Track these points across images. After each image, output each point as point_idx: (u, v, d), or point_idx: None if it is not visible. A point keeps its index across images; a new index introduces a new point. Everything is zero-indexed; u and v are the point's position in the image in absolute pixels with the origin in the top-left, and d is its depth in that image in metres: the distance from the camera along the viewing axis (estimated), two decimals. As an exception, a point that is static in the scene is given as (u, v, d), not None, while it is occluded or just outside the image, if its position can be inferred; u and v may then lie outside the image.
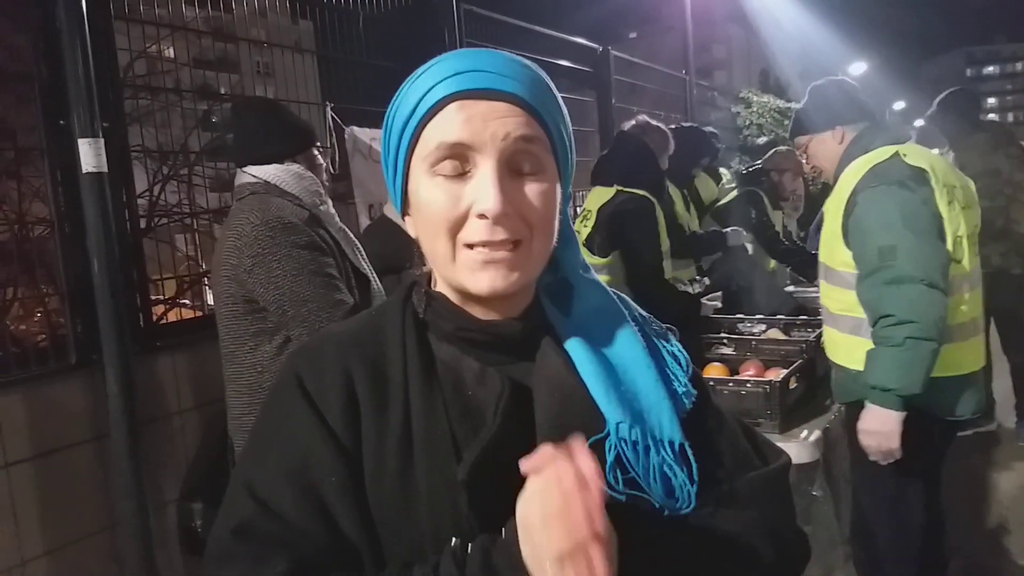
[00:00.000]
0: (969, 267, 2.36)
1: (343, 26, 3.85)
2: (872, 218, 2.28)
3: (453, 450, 0.85)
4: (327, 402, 0.88)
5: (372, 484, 0.86)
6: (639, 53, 8.05)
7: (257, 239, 2.20)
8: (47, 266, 2.89)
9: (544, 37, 5.65)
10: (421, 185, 0.86)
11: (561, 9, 30.76)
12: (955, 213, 2.31)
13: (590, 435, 0.84)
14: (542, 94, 0.87)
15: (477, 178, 0.83)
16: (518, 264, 0.84)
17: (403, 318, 0.93)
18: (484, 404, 0.88)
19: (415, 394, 0.88)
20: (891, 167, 2.31)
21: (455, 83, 0.83)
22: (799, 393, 2.67)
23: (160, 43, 3.43)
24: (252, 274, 2.20)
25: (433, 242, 0.86)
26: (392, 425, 0.87)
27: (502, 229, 0.82)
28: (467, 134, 0.82)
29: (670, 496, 0.86)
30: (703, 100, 8.96)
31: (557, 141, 0.88)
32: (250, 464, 0.92)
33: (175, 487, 2.87)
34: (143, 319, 2.88)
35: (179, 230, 4.39)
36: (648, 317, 1.02)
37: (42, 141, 2.59)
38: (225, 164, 4.13)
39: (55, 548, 2.52)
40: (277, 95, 3.72)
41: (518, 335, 0.91)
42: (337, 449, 0.86)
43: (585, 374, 0.89)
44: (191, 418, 2.97)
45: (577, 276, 0.97)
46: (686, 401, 0.93)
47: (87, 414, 2.61)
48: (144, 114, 3.55)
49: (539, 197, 0.85)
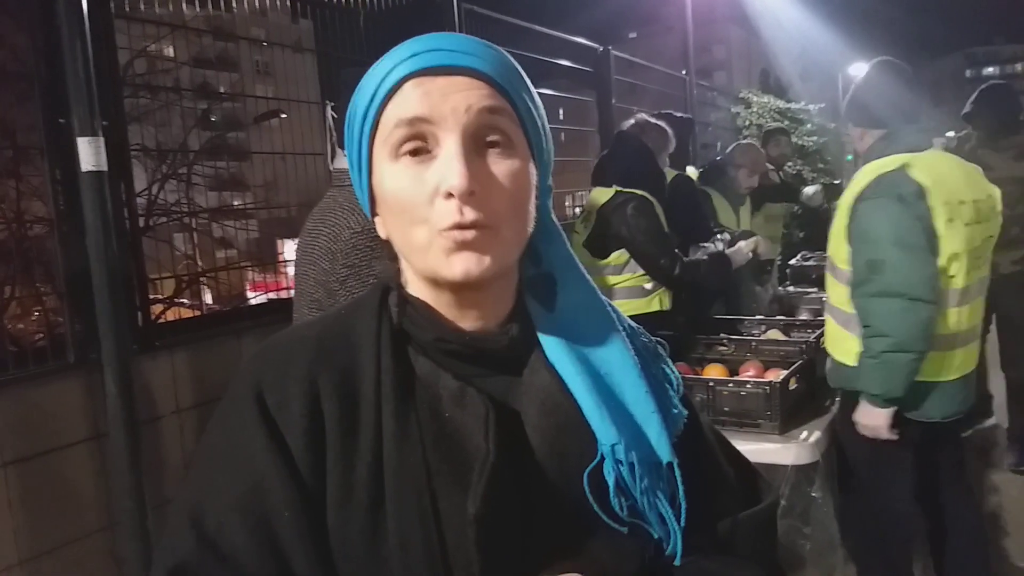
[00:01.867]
0: (964, 282, 2.42)
1: (343, 25, 3.84)
2: (866, 230, 2.40)
3: (427, 484, 0.77)
4: (288, 420, 0.79)
5: (336, 517, 0.77)
6: (639, 53, 8.04)
7: (355, 248, 2.01)
8: (46, 265, 2.89)
9: (544, 37, 5.64)
10: (385, 173, 0.80)
11: (561, 9, 30.65)
12: (955, 231, 2.37)
13: (586, 458, 0.80)
14: (507, 71, 0.81)
15: (441, 156, 0.77)
16: (489, 247, 0.77)
17: (379, 324, 0.85)
18: (462, 428, 0.80)
19: (388, 415, 0.79)
20: (893, 180, 2.40)
21: (412, 63, 0.78)
22: (799, 394, 2.66)
23: (160, 42, 3.42)
24: (345, 285, 2.02)
25: (406, 233, 0.79)
26: (361, 451, 0.78)
27: (471, 209, 0.75)
28: (426, 108, 0.77)
29: (663, 523, 0.82)
30: (703, 100, 8.95)
31: (526, 117, 0.82)
32: (197, 488, 0.82)
33: (174, 487, 2.86)
34: (142, 318, 2.86)
35: (178, 229, 4.39)
36: (638, 329, 0.95)
37: (41, 139, 2.58)
38: (224, 164, 4.13)
39: (53, 548, 2.52)
40: (277, 94, 3.72)
41: (503, 348, 0.84)
42: (293, 479, 0.77)
43: (575, 389, 0.82)
44: (190, 418, 2.96)
45: (562, 271, 0.90)
46: (678, 423, 0.88)
47: (85, 413, 2.61)
48: (144, 113, 3.55)
49: (509, 176, 0.78)
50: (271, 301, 3.55)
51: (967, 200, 2.43)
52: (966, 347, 2.52)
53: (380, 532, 0.76)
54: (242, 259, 4.24)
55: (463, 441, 0.79)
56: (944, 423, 2.53)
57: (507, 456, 0.79)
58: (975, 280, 2.48)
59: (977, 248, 2.46)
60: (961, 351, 2.50)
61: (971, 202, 2.45)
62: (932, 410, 2.49)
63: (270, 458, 0.78)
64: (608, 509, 0.79)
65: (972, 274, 2.45)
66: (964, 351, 2.51)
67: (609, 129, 6.17)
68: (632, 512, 0.80)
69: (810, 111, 10.18)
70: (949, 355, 2.47)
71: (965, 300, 2.45)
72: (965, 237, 2.39)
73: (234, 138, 4.98)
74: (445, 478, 0.77)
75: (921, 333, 2.32)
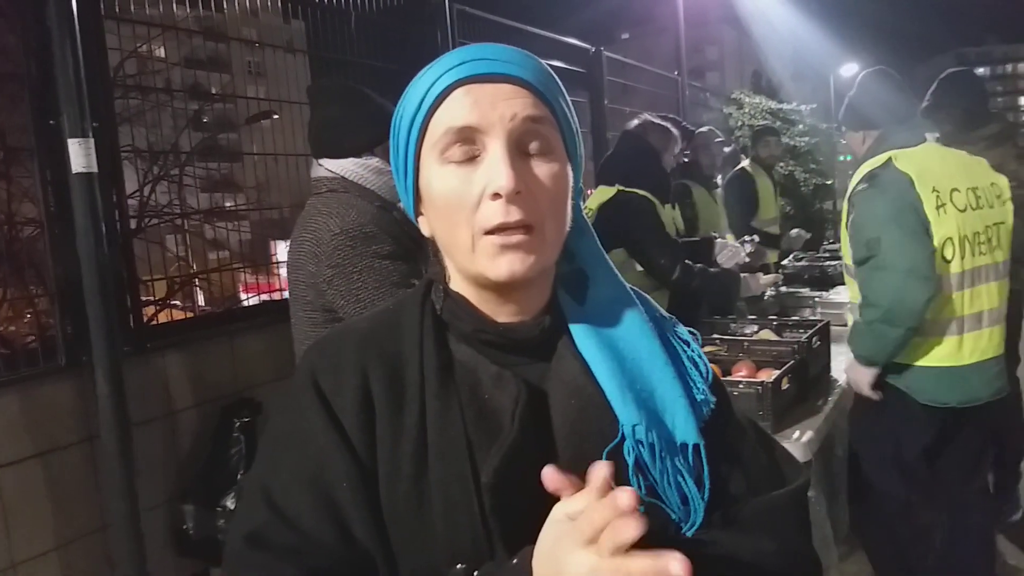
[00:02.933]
0: (963, 267, 2.48)
1: (335, 26, 3.84)
2: (863, 215, 2.52)
3: (468, 455, 0.84)
4: (342, 403, 0.87)
5: (386, 488, 0.85)
6: (632, 54, 8.06)
7: (337, 249, 2.10)
8: (36, 267, 2.88)
9: (536, 38, 5.64)
10: (433, 176, 0.86)
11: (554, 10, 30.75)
12: (946, 217, 2.44)
13: (607, 439, 0.85)
14: (547, 80, 0.87)
15: (488, 160, 0.83)
16: (534, 247, 0.83)
17: (422, 316, 0.93)
18: (500, 408, 0.86)
19: (431, 396, 0.87)
20: (881, 172, 2.52)
21: (460, 71, 0.84)
22: (791, 394, 2.66)
23: (151, 42, 3.41)
24: (332, 285, 2.11)
25: (451, 233, 0.85)
26: (407, 428, 0.86)
27: (516, 209, 0.81)
28: (475, 117, 0.82)
29: (684, 504, 0.85)
30: (695, 101, 8.97)
31: (564, 124, 0.88)
32: (266, 466, 0.91)
33: (166, 489, 2.86)
34: (133, 320, 2.86)
35: (170, 230, 4.38)
36: (670, 318, 1.01)
37: (31, 141, 2.57)
38: (216, 165, 4.12)
39: (46, 550, 2.51)
40: (269, 95, 3.71)
41: (536, 338, 0.90)
42: (351, 453, 0.85)
43: (600, 374, 0.88)
44: (182, 419, 2.96)
45: (593, 267, 0.96)
46: (704, 409, 0.92)
47: (77, 415, 2.60)
48: (135, 114, 3.54)
49: (551, 178, 0.84)
50: (264, 302, 3.54)
51: (961, 188, 2.50)
52: (977, 332, 2.55)
53: (425, 500, 0.83)
54: (235, 260, 4.23)
55: (500, 420, 0.85)
56: (964, 410, 2.56)
57: (534, 435, 0.85)
58: (980, 265, 2.52)
59: (979, 234, 2.52)
60: (971, 336, 2.53)
61: (967, 189, 2.51)
62: (946, 395, 2.53)
63: (328, 437, 0.86)
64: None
65: (977, 259, 2.51)
66: (975, 336, 2.54)
67: (601, 130, 6.18)
68: (651, 493, 0.85)
69: (802, 112, 10.22)
70: (956, 340, 2.52)
71: (967, 284, 2.50)
72: (959, 223, 2.46)
73: (226, 139, 4.97)
74: (485, 452, 0.84)
75: (912, 307, 2.38)
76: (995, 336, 2.61)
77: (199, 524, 2.77)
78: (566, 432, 0.86)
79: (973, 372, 2.55)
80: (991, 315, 2.58)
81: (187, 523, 2.79)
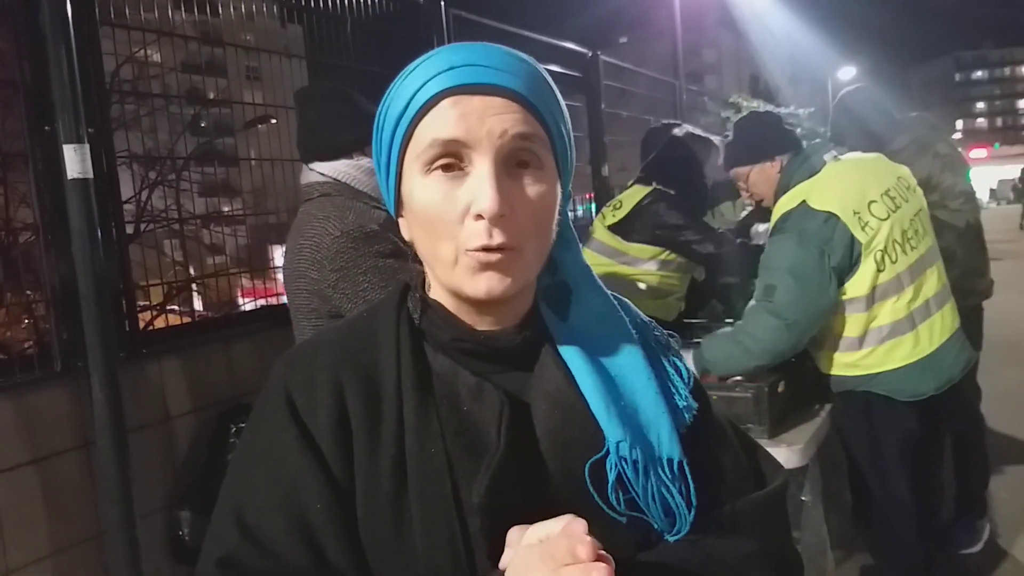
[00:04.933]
0: (899, 268, 2.56)
1: (332, 31, 3.84)
2: (768, 259, 2.61)
3: (448, 471, 0.81)
4: (316, 420, 0.85)
5: (364, 506, 0.83)
6: (629, 58, 8.08)
7: (339, 252, 2.05)
8: (32, 272, 2.87)
9: (533, 42, 5.64)
10: (415, 185, 0.83)
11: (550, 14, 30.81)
12: (874, 230, 2.51)
13: (590, 452, 0.83)
14: (540, 89, 0.84)
15: (473, 177, 0.79)
16: (513, 268, 0.81)
17: (397, 325, 0.90)
18: (480, 421, 0.84)
19: (409, 410, 0.84)
20: (794, 216, 2.57)
21: (449, 78, 0.80)
22: (788, 398, 2.66)
23: (147, 48, 3.41)
24: (337, 289, 2.06)
25: (432, 245, 0.83)
26: (385, 444, 0.83)
27: (500, 232, 0.78)
28: (462, 131, 0.79)
29: (668, 516, 0.85)
30: (693, 105, 8.97)
31: (556, 138, 0.85)
32: (237, 486, 0.87)
33: (162, 495, 2.85)
34: (129, 325, 2.85)
35: (166, 235, 4.37)
36: (650, 323, 1.00)
37: (26, 147, 2.56)
38: (213, 170, 4.11)
39: (41, 557, 2.50)
40: (266, 100, 3.71)
41: (517, 347, 0.88)
42: (325, 473, 0.83)
43: (585, 387, 0.86)
44: (179, 426, 2.95)
45: (577, 280, 0.93)
46: (687, 416, 0.91)
47: (73, 421, 2.59)
48: (131, 119, 3.53)
49: (538, 198, 0.82)
50: (261, 307, 3.53)
51: (876, 197, 2.57)
52: (929, 320, 2.62)
53: (404, 520, 0.81)
54: (232, 265, 4.22)
55: (481, 434, 0.83)
56: (936, 402, 2.65)
57: (517, 448, 0.82)
58: (915, 259, 2.60)
59: (906, 231, 2.59)
60: (925, 326, 2.61)
61: (881, 196, 2.58)
62: (923, 386, 2.61)
63: (302, 456, 0.83)
64: (607, 501, 0.82)
65: (910, 255, 2.58)
66: (928, 324, 2.62)
67: (598, 134, 6.18)
68: (632, 506, 0.83)
69: (799, 115, 10.22)
70: (913, 335, 2.59)
71: (909, 282, 2.58)
72: (887, 231, 2.53)
73: (223, 144, 4.96)
74: (465, 468, 0.81)
75: (779, 352, 2.54)
76: (947, 315, 2.69)
77: (195, 531, 2.76)
78: (550, 443, 0.84)
79: (938, 356, 2.62)
80: (937, 299, 2.66)
81: (183, 530, 2.78)
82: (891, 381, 2.60)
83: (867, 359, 2.61)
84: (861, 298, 2.55)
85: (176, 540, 2.80)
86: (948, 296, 2.74)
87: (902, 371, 2.59)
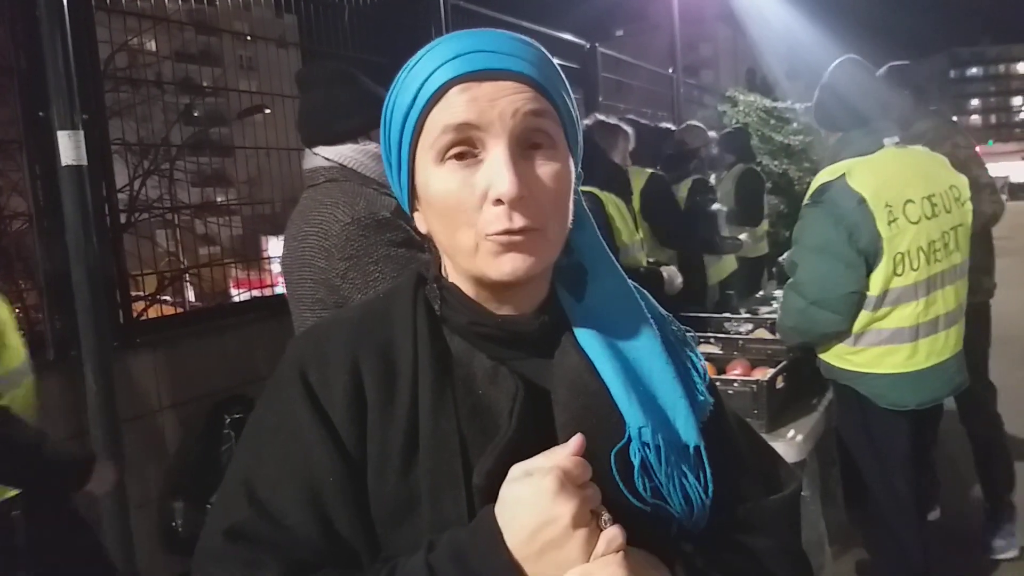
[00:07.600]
0: (918, 278, 2.49)
1: (328, 20, 3.81)
2: (799, 233, 2.59)
3: (460, 450, 0.82)
4: (331, 396, 0.85)
5: (375, 481, 0.83)
6: (626, 51, 8.06)
7: (349, 240, 1.93)
8: (25, 260, 2.85)
9: (531, 33, 5.59)
10: (431, 176, 0.82)
11: (548, 5, 30.69)
12: (899, 230, 2.45)
13: (613, 439, 0.82)
14: (548, 71, 0.84)
15: (489, 162, 0.79)
16: (537, 248, 0.80)
17: (414, 307, 0.90)
18: (495, 404, 0.84)
19: (425, 388, 0.84)
20: (830, 189, 2.51)
21: (457, 65, 0.79)
22: (786, 392, 2.66)
23: (142, 35, 3.39)
24: (347, 279, 1.94)
25: (452, 235, 0.82)
26: (398, 420, 0.84)
27: (520, 215, 0.78)
28: (474, 114, 0.78)
29: (687, 504, 0.84)
30: (690, 98, 8.97)
31: (565, 116, 0.85)
32: (249, 459, 0.88)
33: (156, 485, 2.84)
34: (123, 315, 2.83)
35: (160, 225, 4.35)
36: (668, 317, 0.99)
37: (20, 134, 2.55)
38: (207, 159, 4.09)
39: (32, 547, 2.48)
40: (261, 89, 3.69)
41: (535, 332, 0.87)
42: (338, 449, 0.83)
43: (604, 373, 0.85)
44: (172, 416, 2.93)
45: (592, 260, 0.93)
46: (705, 410, 0.90)
47: (66, 411, 2.57)
48: (125, 107, 3.51)
49: (554, 177, 0.81)
50: (255, 298, 3.52)
51: (916, 198, 2.50)
52: (933, 336, 2.56)
53: (413, 495, 0.82)
54: (225, 256, 4.21)
55: (494, 417, 0.83)
56: (924, 410, 2.61)
57: (534, 433, 0.82)
58: (936, 272, 2.54)
59: (935, 242, 2.53)
60: (927, 341, 2.55)
61: (922, 199, 2.51)
62: (905, 398, 2.56)
63: (315, 431, 0.84)
64: (632, 489, 0.81)
65: (933, 267, 2.52)
66: (931, 340, 2.56)
67: (596, 126, 6.16)
68: (655, 494, 0.82)
69: (796, 110, 10.20)
70: (911, 347, 2.54)
71: (923, 294, 2.52)
72: (912, 236, 2.46)
73: (217, 133, 4.94)
74: (479, 449, 0.81)
75: (811, 332, 2.57)
76: (951, 337, 2.63)
77: (189, 521, 2.75)
78: (571, 430, 0.81)
79: (930, 374, 2.57)
80: (948, 318, 2.59)
81: (176, 520, 2.77)
82: (876, 386, 2.56)
83: (858, 356, 2.57)
84: (871, 298, 2.50)
85: (169, 531, 2.79)
86: (960, 317, 2.67)
87: (889, 379, 2.54)
